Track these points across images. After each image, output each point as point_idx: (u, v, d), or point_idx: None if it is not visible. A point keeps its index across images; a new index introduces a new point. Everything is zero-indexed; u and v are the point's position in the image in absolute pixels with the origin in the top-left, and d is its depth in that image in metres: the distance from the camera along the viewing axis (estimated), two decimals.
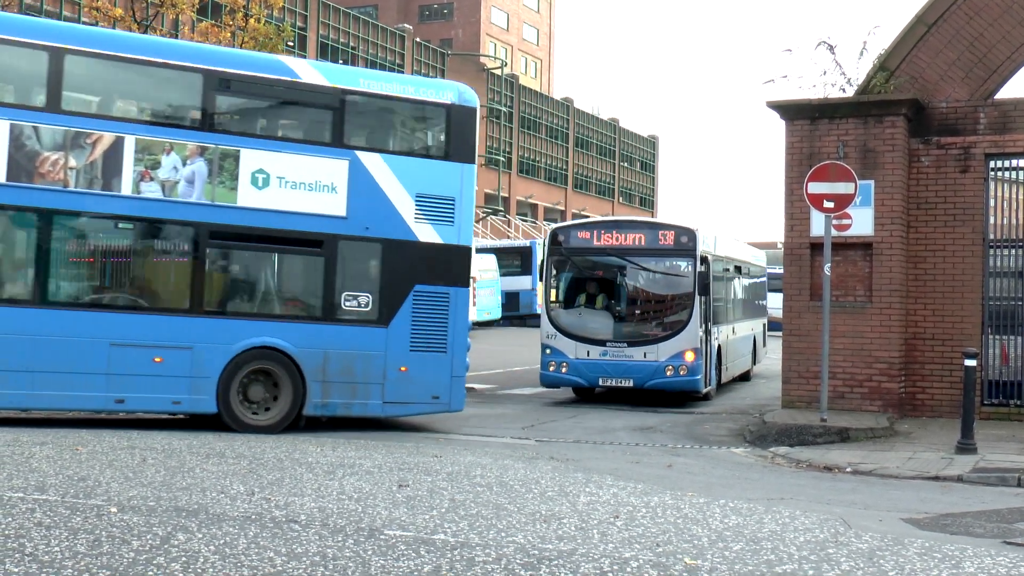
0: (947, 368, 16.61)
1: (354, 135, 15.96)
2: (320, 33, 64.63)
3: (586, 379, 20.25)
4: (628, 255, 20.63)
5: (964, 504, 10.28)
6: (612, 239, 20.68)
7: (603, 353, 20.09)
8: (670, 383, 19.83)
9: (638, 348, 19.98)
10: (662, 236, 20.49)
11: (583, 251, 21.04)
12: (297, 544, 7.45)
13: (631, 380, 19.86)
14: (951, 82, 17.01)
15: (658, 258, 20.64)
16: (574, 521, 8.54)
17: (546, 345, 20.62)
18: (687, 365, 19.73)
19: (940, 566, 7.25)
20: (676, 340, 19.84)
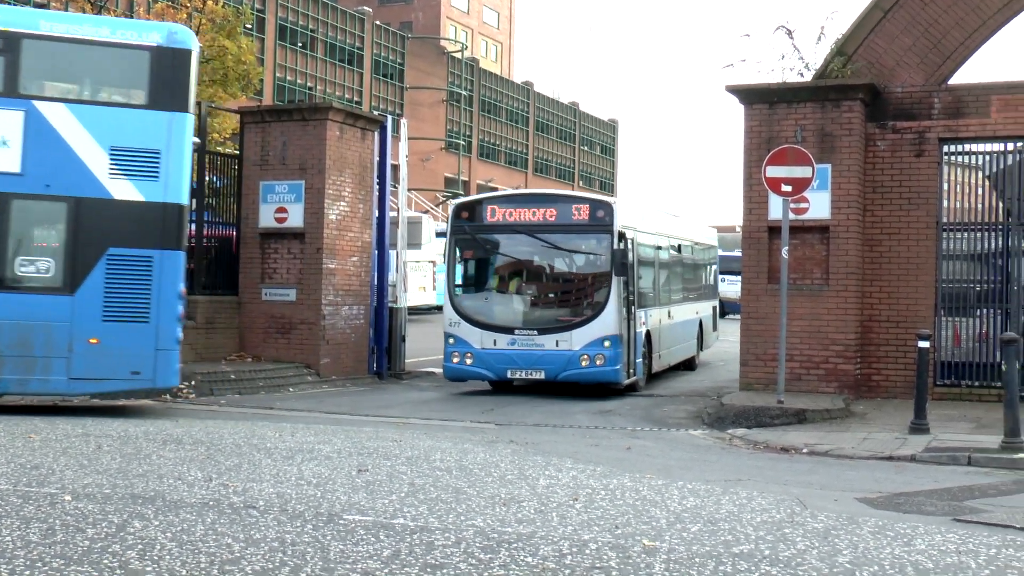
0: (901, 350, 16.78)
1: (32, 83, 14.57)
2: (279, 15, 64.16)
3: (493, 371, 18.56)
4: (539, 232, 18.79)
5: (917, 483, 10.41)
6: (522, 214, 18.93)
7: (511, 342, 18.36)
8: (586, 374, 18.11)
9: (550, 336, 18.28)
10: (576, 210, 18.76)
11: (490, 228, 19.17)
12: (255, 530, 7.43)
13: (542, 372, 18.24)
14: (907, 67, 17.15)
15: (572, 235, 18.86)
16: (533, 504, 8.58)
17: (449, 334, 18.85)
18: (604, 354, 17.95)
19: (893, 544, 7.34)
20: (592, 326, 18.13)
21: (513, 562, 6.71)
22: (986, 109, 16.77)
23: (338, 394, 19.22)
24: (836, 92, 16.88)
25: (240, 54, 25.04)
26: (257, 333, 20.98)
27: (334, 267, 20.92)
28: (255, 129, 21.38)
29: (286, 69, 65.00)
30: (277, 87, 63.47)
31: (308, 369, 20.56)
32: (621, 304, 18.31)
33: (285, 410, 16.32)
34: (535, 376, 18.34)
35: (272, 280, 21.05)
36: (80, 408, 15.69)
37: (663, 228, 22.90)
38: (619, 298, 18.26)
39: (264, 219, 21.02)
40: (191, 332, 20.25)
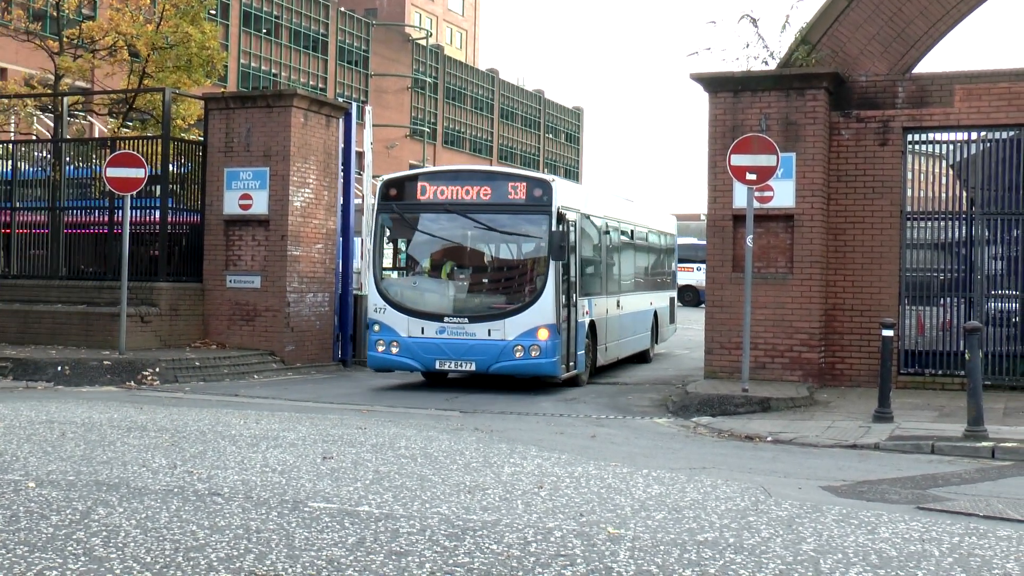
0: (865, 338, 16.89)
1: None
2: (243, 2, 63.68)
3: (420, 361, 17.49)
4: (473, 211, 17.51)
5: (880, 471, 10.49)
6: (454, 192, 17.62)
7: (440, 330, 17.25)
8: (520, 367, 17.07)
9: (481, 324, 17.16)
10: (512, 189, 17.45)
11: (419, 207, 17.89)
12: (220, 517, 7.40)
13: (473, 363, 17.14)
14: (871, 56, 17.24)
15: (508, 215, 17.52)
16: (498, 492, 8.59)
17: (374, 321, 17.73)
18: (540, 345, 16.87)
19: (857, 532, 7.40)
20: (527, 314, 16.98)
21: (478, 549, 6.71)
22: (950, 98, 16.88)
23: (303, 381, 19.15)
24: (800, 81, 16.94)
25: (204, 40, 24.75)
26: (222, 320, 20.88)
27: (299, 254, 20.83)
28: (219, 116, 21.24)
29: (250, 55, 64.56)
30: (241, 73, 63.05)
31: (273, 356, 20.47)
32: (560, 291, 17.12)
33: (250, 397, 16.25)
34: (465, 368, 17.24)
35: (237, 267, 20.94)
36: (44, 395, 15.56)
37: (613, 212, 21.66)
38: (558, 285, 17.06)
39: (228, 206, 20.89)
40: (155, 319, 20.15)
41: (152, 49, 24.86)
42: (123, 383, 17.30)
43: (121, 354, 18.42)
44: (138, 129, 25.97)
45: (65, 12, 26.55)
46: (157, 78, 24.67)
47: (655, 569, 6.36)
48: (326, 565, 6.30)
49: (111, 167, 18.68)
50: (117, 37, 25.34)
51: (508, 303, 17.41)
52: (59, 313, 20.48)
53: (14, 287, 21.42)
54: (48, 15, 29.27)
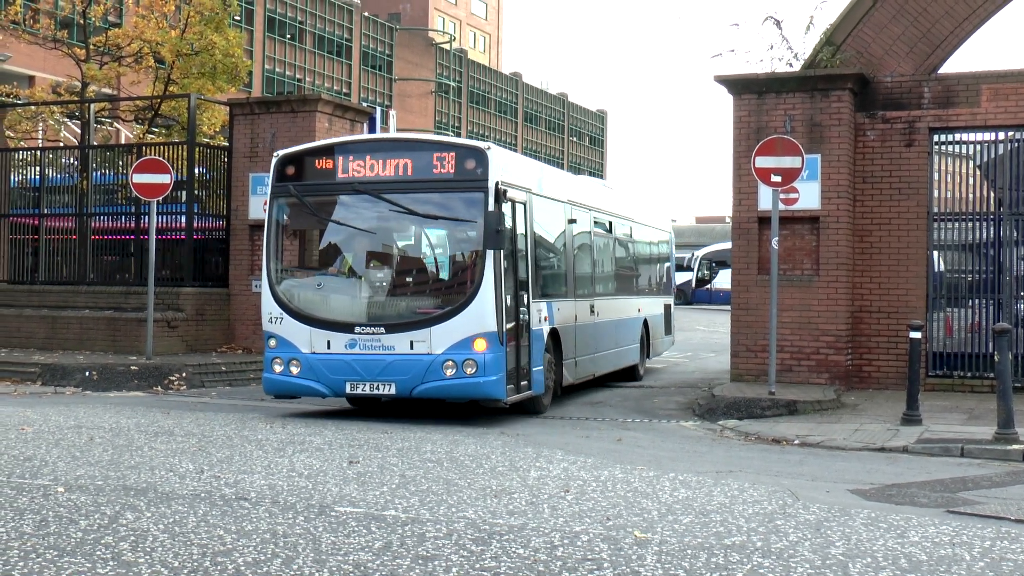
0: (893, 340, 16.80)
1: None
2: (267, 7, 63.97)
3: (327, 384, 13.95)
4: (390, 191, 14.14)
5: (909, 474, 10.42)
6: (366, 168, 14.29)
7: (350, 344, 13.81)
8: (450, 388, 13.61)
9: (402, 335, 13.69)
10: (438, 161, 14.12)
11: (322, 188, 14.59)
12: (247, 522, 7.42)
13: (392, 385, 13.69)
14: (896, 57, 17.15)
15: (435, 193, 14.25)
16: (524, 496, 8.58)
17: (270, 333, 14.30)
18: (476, 359, 13.42)
19: (886, 535, 7.35)
20: (459, 320, 13.57)
21: (504, 554, 6.70)
22: (976, 98, 16.78)
23: None
24: (825, 82, 16.87)
25: (228, 47, 24.91)
26: (247, 325, 20.95)
27: None
28: (244, 121, 21.34)
29: (275, 61, 64.85)
30: (266, 79, 63.34)
31: None
32: (503, 291, 13.76)
33: (276, 402, 16.29)
34: (383, 390, 13.77)
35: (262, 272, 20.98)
36: (72, 401, 15.65)
37: (584, 197, 18.21)
38: (498, 282, 13.67)
39: (254, 211, 20.95)
40: (182, 324, 20.24)
41: (177, 56, 25.01)
42: (150, 388, 17.38)
43: (148, 359, 18.51)
44: (163, 135, 26.13)
45: (92, 20, 26.72)
46: (182, 84, 24.83)
47: (682, 573, 6.34)
48: (353, 570, 6.30)
49: (137, 173, 18.77)
50: (142, 44, 25.54)
51: (436, 307, 14.02)
52: (87, 318, 20.60)
53: (43, 293, 21.56)
54: (75, 23, 29.49)
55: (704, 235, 61.76)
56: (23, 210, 22.73)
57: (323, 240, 15.21)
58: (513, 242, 14.28)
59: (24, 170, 22.86)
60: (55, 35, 27.31)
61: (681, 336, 29.88)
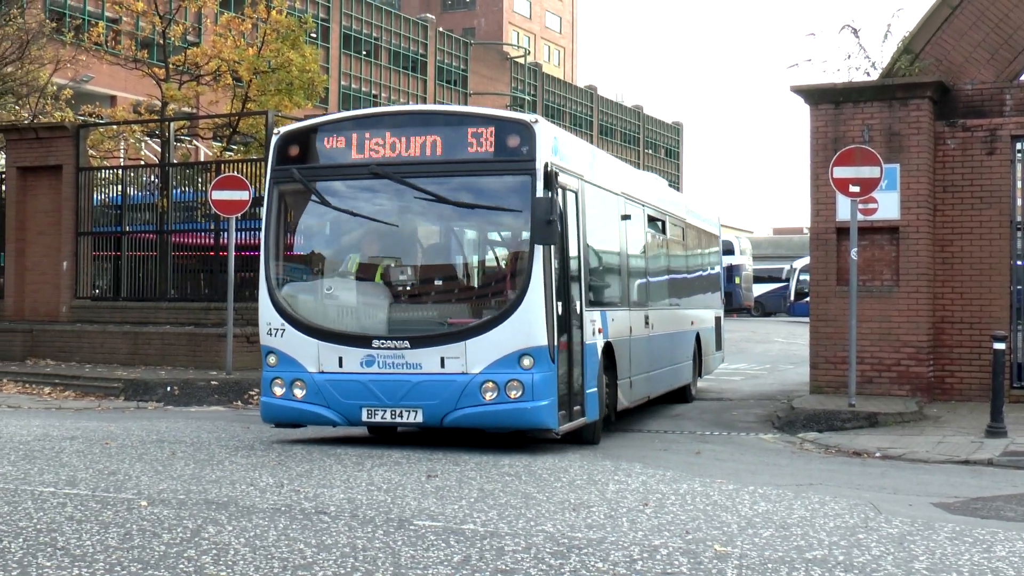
0: (976, 352, 16.50)
1: None
2: (343, 24, 64.70)
3: (339, 410, 11.86)
4: (414, 175, 11.95)
5: (994, 488, 10.22)
6: (385, 147, 12.08)
7: (368, 361, 11.68)
8: (491, 415, 11.49)
9: (431, 350, 11.56)
10: (474, 138, 11.90)
11: (333, 172, 12.41)
12: (327, 536, 7.48)
13: (418, 411, 11.57)
14: (976, 64, 16.88)
15: (469, 177, 12.03)
16: (603, 509, 8.55)
17: (269, 348, 12.21)
18: (522, 380, 11.32)
19: (971, 550, 7.22)
20: (501, 332, 11.42)
21: (583, 567, 6.69)
22: None
23: None
24: (903, 91, 16.65)
25: (304, 63, 25.23)
26: None
27: None
28: None
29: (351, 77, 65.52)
30: (342, 95, 64.01)
31: None
32: (552, 296, 11.56)
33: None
34: (408, 418, 11.66)
35: None
36: (152, 415, 15.90)
37: (635, 189, 15.94)
38: (548, 285, 11.49)
39: None
40: None
41: (254, 73, 25.39)
42: (230, 403, 17.60)
43: (228, 374, 18.75)
44: (242, 152, 26.50)
45: (171, 40, 27.22)
46: (259, 102, 25.17)
47: None
48: None
49: (216, 190, 19.04)
50: (220, 63, 25.93)
51: (472, 315, 11.89)
52: (167, 334, 20.93)
53: (125, 309, 21.93)
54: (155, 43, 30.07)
55: (781, 246, 61.23)
56: (106, 228, 23.15)
57: (333, 235, 12.92)
58: (564, 239, 12.00)
59: (106, 188, 23.31)
60: (136, 55, 27.89)
61: (759, 348, 29.63)
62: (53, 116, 28.17)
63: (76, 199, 22.47)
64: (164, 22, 26.71)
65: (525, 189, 11.59)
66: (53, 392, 18.76)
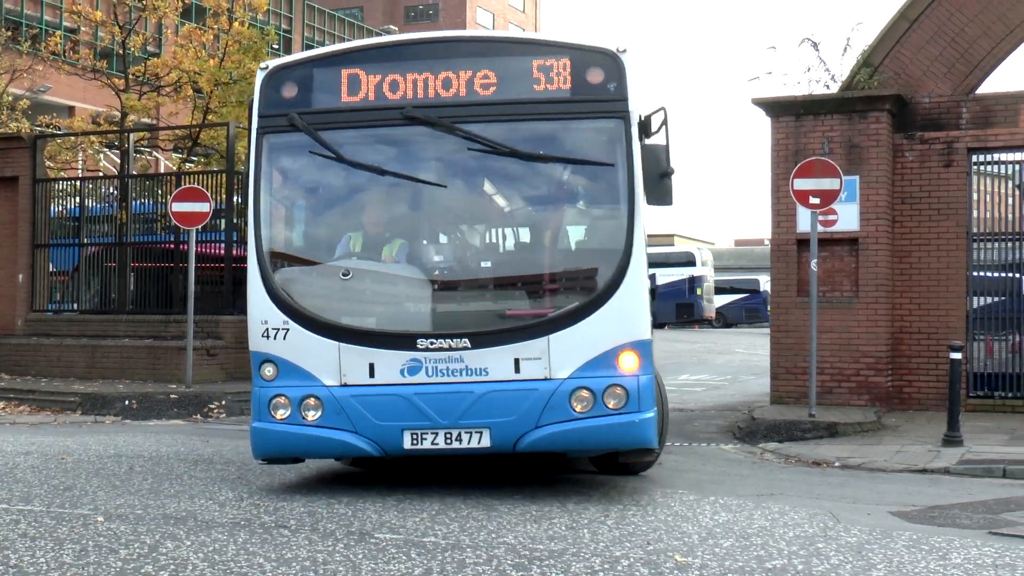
0: (933, 361, 16.64)
1: None
2: (305, 35, 64.54)
3: (371, 436, 9.06)
4: (464, 119, 9.27)
5: (951, 496, 10.31)
6: (421, 84, 9.31)
7: (411, 367, 9.00)
8: (586, 433, 9.00)
9: (499, 349, 8.99)
10: (542, 72, 9.28)
11: (348, 117, 9.45)
12: (287, 549, 7.44)
13: (484, 433, 8.97)
14: (934, 77, 17.05)
15: (536, 122, 9.47)
16: (564, 520, 8.55)
17: (265, 356, 9.26)
18: (625, 385, 8.94)
19: (928, 558, 7.27)
20: (594, 323, 8.97)
21: None
22: (1015, 118, 16.65)
23: None
24: (863, 103, 16.79)
25: None
26: None
27: None
28: None
29: None
30: None
31: None
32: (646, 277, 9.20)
33: None
34: (469, 443, 9.01)
35: None
36: (111, 429, 15.76)
37: None
38: (642, 260, 9.14)
39: None
40: (221, 352, 20.33)
41: (215, 85, 25.24)
42: (190, 416, 17.47)
43: (188, 387, 18.61)
44: (202, 164, 26.36)
45: (131, 50, 27.05)
46: (220, 113, 25.04)
47: None
48: None
49: (176, 202, 18.92)
50: (181, 74, 25.79)
51: (552, 302, 9.38)
52: (126, 347, 20.75)
53: (83, 322, 21.74)
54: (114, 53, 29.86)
55: (743, 257, 61.63)
56: (63, 240, 22.95)
57: (353, 201, 9.99)
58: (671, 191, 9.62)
59: (64, 200, 23.11)
60: (94, 65, 27.68)
61: (721, 359, 29.74)
62: (9, 127, 27.93)
63: (32, 211, 22.29)
64: (124, 32, 26.56)
65: (617, 137, 9.27)
66: (8, 407, 18.56)
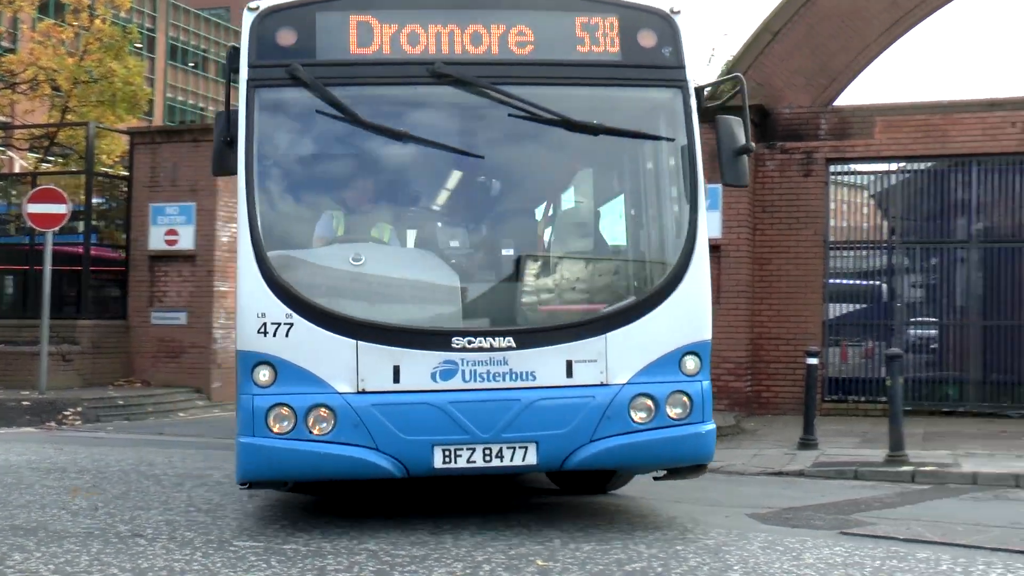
0: (791, 367, 17.07)
1: None
2: (169, 35, 63.32)
3: (395, 454, 7.60)
4: (502, 80, 7.93)
5: (806, 498, 10.57)
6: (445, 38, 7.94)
7: (445, 371, 7.60)
8: (644, 447, 7.85)
9: (550, 350, 7.69)
10: (585, 32, 8.07)
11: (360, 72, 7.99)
12: (143, 559, 7.27)
13: (530, 447, 7.67)
14: (795, 89, 17.50)
15: (582, 88, 8.16)
16: (427, 526, 8.53)
17: (260, 357, 7.64)
18: (689, 391, 7.88)
19: (782, 558, 7.44)
20: (655, 320, 7.84)
21: None
22: (870, 130, 17.20)
23: (230, 419, 18.91)
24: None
25: (128, 75, 24.59)
26: (146, 358, 20.62)
27: (226, 290, 20.64)
28: (145, 150, 21.06)
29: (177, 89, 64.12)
30: (168, 107, 62.60)
31: (199, 393, 20.25)
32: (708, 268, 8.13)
33: (175, 435, 16.03)
34: (513, 460, 7.70)
35: (162, 303, 20.72)
36: None
37: None
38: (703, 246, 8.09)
39: (154, 242, 20.68)
40: (78, 357, 19.82)
41: (75, 83, 24.60)
42: (43, 424, 16.97)
43: (41, 394, 18.08)
44: (60, 164, 25.67)
45: None
46: (80, 113, 24.44)
47: None
48: None
49: (32, 203, 18.40)
50: (38, 71, 25.06)
51: (607, 296, 8.29)
52: None
53: None
54: None
55: None
56: None
57: (369, 172, 8.55)
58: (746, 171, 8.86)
59: None
60: None
61: None
62: None
63: None
64: None
65: (675, 109, 8.38)
66: None
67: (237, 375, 7.89)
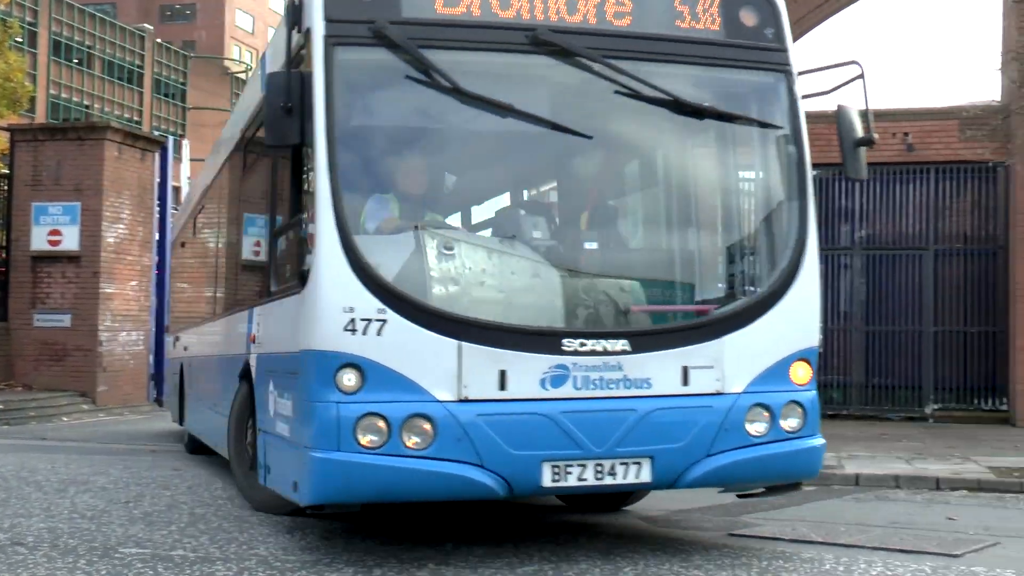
0: None
1: None
2: (52, 30, 61.78)
3: (501, 471, 6.67)
4: (611, 53, 7.12)
5: (695, 500, 10.71)
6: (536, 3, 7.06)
7: (556, 377, 6.77)
8: (760, 464, 7.22)
9: (666, 354, 7.01)
10: (684, 5, 7.38)
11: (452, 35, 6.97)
12: (23, 568, 7.10)
13: (645, 463, 6.93)
14: None
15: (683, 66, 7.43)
16: (318, 531, 8.48)
17: (346, 358, 6.56)
18: (801, 402, 7.32)
19: (671, 560, 7.55)
20: (767, 324, 7.24)
21: None
22: None
23: (115, 423, 18.58)
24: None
25: (8, 71, 23.97)
26: (28, 361, 20.14)
27: (112, 291, 20.27)
28: (27, 148, 20.59)
29: (61, 86, 62.63)
30: (51, 105, 61.10)
31: (84, 397, 19.84)
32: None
33: (58, 440, 15.68)
34: (626, 478, 6.98)
35: (45, 305, 20.26)
36: None
37: None
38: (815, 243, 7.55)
39: (36, 242, 20.22)
40: None
41: None
42: None
43: None
44: None
45: None
46: None
47: None
48: None
49: None
50: None
51: (720, 296, 7.78)
52: None
53: None
54: None
55: None
56: None
57: (460, 151, 7.90)
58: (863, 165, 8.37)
59: None
60: None
61: None
62: None
63: None
64: None
65: (780, 96, 7.69)
66: None
67: (301, 379, 6.86)
